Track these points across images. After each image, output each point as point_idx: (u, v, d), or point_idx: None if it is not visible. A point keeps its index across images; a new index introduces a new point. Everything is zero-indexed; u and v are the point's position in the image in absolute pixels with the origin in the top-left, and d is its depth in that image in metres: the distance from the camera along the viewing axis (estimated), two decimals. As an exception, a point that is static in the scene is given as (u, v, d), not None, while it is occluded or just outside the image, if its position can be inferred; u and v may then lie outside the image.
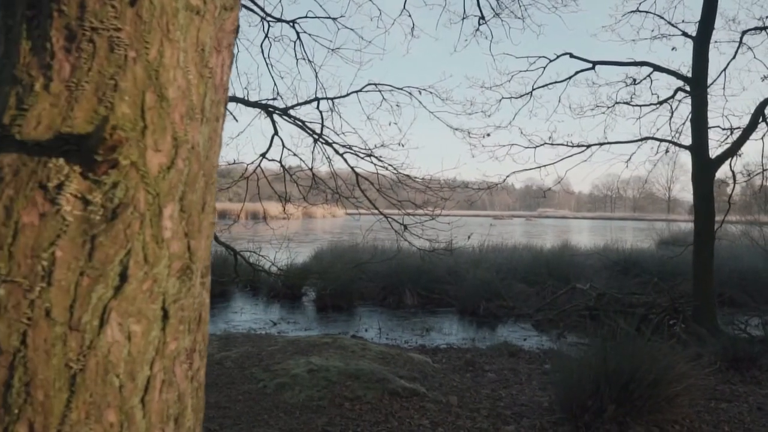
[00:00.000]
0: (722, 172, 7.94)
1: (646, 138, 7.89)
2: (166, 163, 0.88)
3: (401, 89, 6.87)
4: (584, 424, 4.33)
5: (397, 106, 7.19)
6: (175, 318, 0.92)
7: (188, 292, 0.93)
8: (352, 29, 12.83)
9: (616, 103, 8.79)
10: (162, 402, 0.91)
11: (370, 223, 8.08)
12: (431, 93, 6.88)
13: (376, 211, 7.68)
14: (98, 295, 0.83)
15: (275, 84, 10.28)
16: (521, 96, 8.85)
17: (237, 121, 7.56)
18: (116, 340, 0.85)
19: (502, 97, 9.08)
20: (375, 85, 6.89)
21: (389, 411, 4.38)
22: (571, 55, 7.93)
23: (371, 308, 9.84)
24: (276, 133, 7.30)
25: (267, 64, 8.78)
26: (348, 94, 6.86)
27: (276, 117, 7.52)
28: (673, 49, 8.00)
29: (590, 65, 7.97)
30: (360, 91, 6.83)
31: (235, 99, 6.51)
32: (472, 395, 4.98)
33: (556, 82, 8.46)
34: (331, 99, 6.97)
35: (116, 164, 0.82)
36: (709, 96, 7.29)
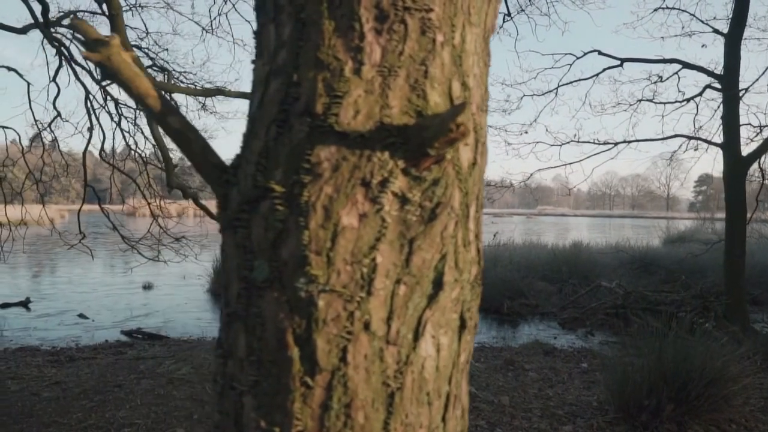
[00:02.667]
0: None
1: (676, 135, 7.85)
2: (472, 159, 0.80)
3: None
4: (641, 424, 4.28)
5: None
6: (469, 327, 0.83)
7: (477, 298, 0.85)
8: None
9: (640, 100, 8.75)
10: (454, 419, 0.83)
11: None
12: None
13: None
14: (414, 305, 0.75)
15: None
16: (544, 93, 8.79)
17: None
18: (429, 354, 0.77)
19: (524, 95, 9.02)
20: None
21: (443, 412, 4.30)
22: (600, 53, 7.87)
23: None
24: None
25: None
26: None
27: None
28: (703, 46, 7.97)
29: (618, 62, 7.91)
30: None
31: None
32: (520, 395, 4.92)
33: (581, 80, 8.41)
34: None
35: (442, 159, 0.74)
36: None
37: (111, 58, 0.78)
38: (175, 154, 6.26)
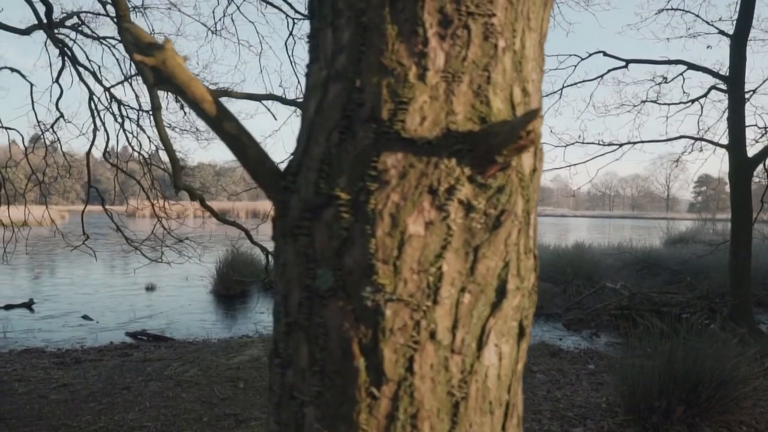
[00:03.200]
0: (724, 171, 7.90)
1: (682, 137, 7.85)
2: (533, 165, 0.79)
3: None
4: (652, 426, 4.27)
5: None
6: (526, 335, 0.82)
7: (533, 306, 0.84)
8: None
9: (645, 101, 8.75)
10: (512, 428, 0.82)
11: None
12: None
13: None
14: (478, 314, 0.74)
15: (299, 81, 10.11)
16: (549, 94, 8.79)
17: (276, 119, 7.41)
18: (492, 363, 0.76)
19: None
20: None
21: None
22: (605, 54, 7.86)
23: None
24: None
25: (291, 62, 8.67)
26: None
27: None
28: (708, 47, 7.97)
29: (623, 63, 7.91)
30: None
31: (273, 97, 6.39)
32: (529, 396, 4.91)
33: (586, 81, 8.40)
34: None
35: (507, 166, 0.73)
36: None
37: (166, 62, 0.77)
38: (180, 155, 6.23)
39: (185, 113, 8.35)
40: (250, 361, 5.39)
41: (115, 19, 8.75)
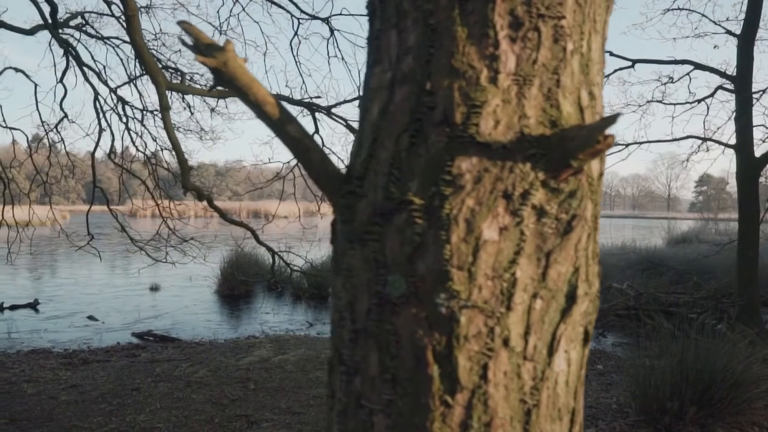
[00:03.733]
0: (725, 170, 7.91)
1: (689, 137, 7.84)
2: (599, 169, 0.78)
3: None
4: (664, 427, 4.26)
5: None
6: (589, 340, 0.81)
7: (596, 311, 0.83)
8: None
9: (650, 101, 8.75)
10: (576, 437, 0.81)
11: None
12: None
13: None
14: (549, 320, 0.73)
15: (303, 82, 10.12)
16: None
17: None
18: (561, 369, 0.75)
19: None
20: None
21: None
22: (611, 53, 7.84)
23: (402, 308, 9.72)
24: (317, 131, 7.17)
25: (296, 62, 8.66)
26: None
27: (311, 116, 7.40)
28: (715, 47, 7.95)
29: (630, 63, 7.90)
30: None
31: (280, 97, 6.37)
32: (539, 398, 4.90)
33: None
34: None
35: (580, 171, 0.72)
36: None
37: (227, 63, 0.76)
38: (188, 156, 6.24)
39: (191, 113, 8.32)
40: (259, 361, 5.38)
41: (120, 19, 8.74)
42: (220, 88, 0.81)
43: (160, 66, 8.22)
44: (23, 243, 8.39)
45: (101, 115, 8.29)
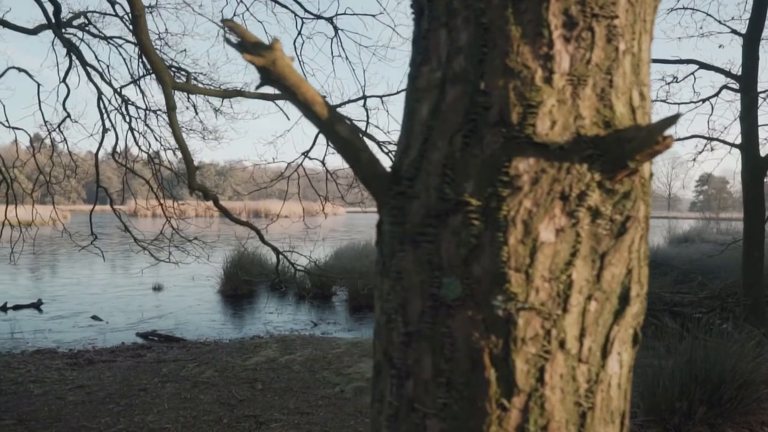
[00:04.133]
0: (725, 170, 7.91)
1: (694, 136, 7.83)
2: (650, 170, 0.77)
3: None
4: (674, 427, 4.26)
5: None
6: (639, 342, 0.81)
7: (644, 312, 0.82)
8: (391, 27, 12.68)
9: (653, 101, 8.73)
10: (626, 441, 0.80)
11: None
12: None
13: (372, 210, 7.56)
14: (603, 322, 0.72)
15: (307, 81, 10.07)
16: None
17: (289, 119, 7.39)
18: (614, 372, 0.74)
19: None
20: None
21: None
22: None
23: (405, 308, 9.72)
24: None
25: (300, 62, 8.65)
26: (399, 92, 6.74)
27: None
28: (720, 46, 7.95)
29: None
30: (411, 88, 6.71)
31: (285, 96, 6.35)
32: (547, 398, 4.90)
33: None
34: (380, 97, 6.86)
35: (635, 172, 0.71)
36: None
37: (276, 62, 0.75)
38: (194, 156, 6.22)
39: (196, 113, 8.32)
40: (266, 362, 5.37)
41: (123, 19, 8.73)
42: (260, 89, 0.80)
43: (170, 66, 8.21)
44: (25, 243, 8.38)
45: (105, 114, 8.28)
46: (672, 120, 0.66)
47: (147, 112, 8.81)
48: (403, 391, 0.74)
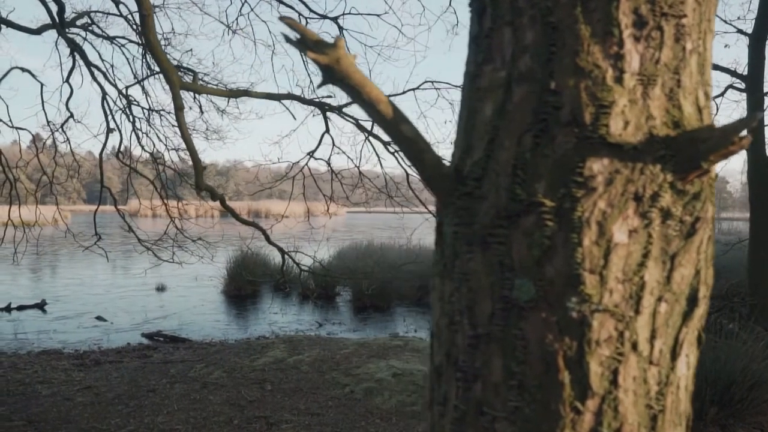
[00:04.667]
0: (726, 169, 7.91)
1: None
2: (715, 170, 0.77)
3: (458, 86, 6.76)
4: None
5: (451, 104, 7.10)
6: (702, 344, 0.80)
7: (707, 313, 0.81)
8: (396, 26, 12.67)
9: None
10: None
11: (382, 221, 7.98)
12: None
13: (376, 210, 7.59)
14: (673, 323, 0.71)
15: (311, 81, 10.07)
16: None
17: (295, 118, 7.37)
18: (683, 374, 0.73)
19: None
20: (432, 82, 6.77)
21: (484, 416, 4.28)
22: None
23: (410, 308, 9.73)
24: (327, 131, 7.15)
25: (303, 62, 8.64)
26: (405, 92, 6.73)
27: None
28: (726, 46, 7.95)
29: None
30: (417, 88, 6.71)
31: (292, 96, 6.35)
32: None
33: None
34: (387, 96, 6.84)
35: (706, 173, 0.71)
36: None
37: (340, 60, 0.74)
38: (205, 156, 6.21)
39: (201, 113, 8.30)
40: (274, 362, 5.36)
41: (127, 19, 8.72)
42: (325, 86, 0.79)
43: (178, 65, 8.18)
44: (29, 243, 8.36)
45: (109, 115, 8.26)
46: (749, 121, 0.65)
47: (151, 112, 8.80)
48: (471, 395, 0.73)
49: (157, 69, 8.80)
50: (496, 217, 0.71)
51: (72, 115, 9.20)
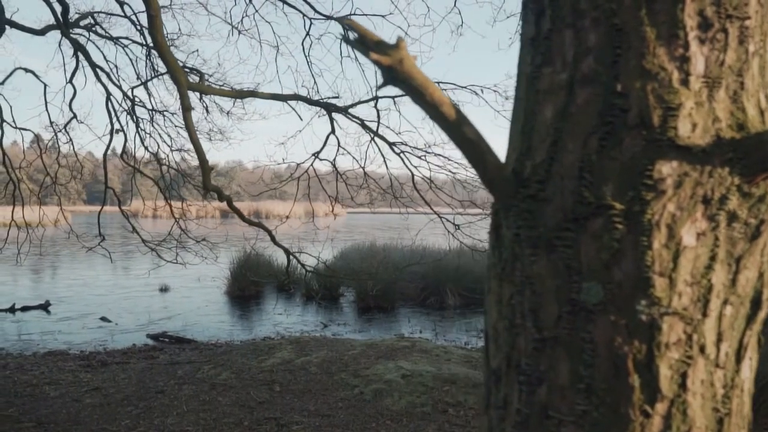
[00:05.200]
0: None
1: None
2: (777, 172, 0.76)
3: (465, 87, 6.76)
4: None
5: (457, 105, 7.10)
6: (761, 346, 0.80)
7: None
8: (400, 27, 12.69)
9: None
10: (750, 446, 0.79)
11: (381, 222, 7.98)
12: (495, 92, 6.77)
13: (377, 211, 7.59)
14: (738, 326, 0.71)
15: (315, 82, 10.08)
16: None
17: (301, 119, 7.37)
18: (747, 377, 0.73)
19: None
20: (437, 83, 6.77)
21: (494, 417, 4.27)
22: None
23: (414, 309, 9.73)
24: (333, 131, 7.14)
25: (308, 62, 8.65)
26: (411, 92, 6.72)
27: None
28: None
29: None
30: (423, 89, 6.71)
31: (298, 97, 6.35)
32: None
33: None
34: (393, 97, 6.85)
35: (772, 175, 0.70)
36: None
37: (403, 62, 0.74)
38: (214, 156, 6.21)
39: (207, 113, 8.30)
40: (282, 363, 5.36)
41: (131, 19, 8.71)
42: (383, 90, 0.79)
43: (184, 65, 8.17)
44: (30, 244, 8.34)
45: (114, 115, 8.26)
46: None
47: (154, 112, 8.79)
48: (535, 398, 0.73)
49: (162, 70, 8.82)
50: (562, 219, 0.71)
51: (75, 116, 9.19)
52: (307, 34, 8.23)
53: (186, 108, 5.31)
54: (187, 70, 7.40)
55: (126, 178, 8.90)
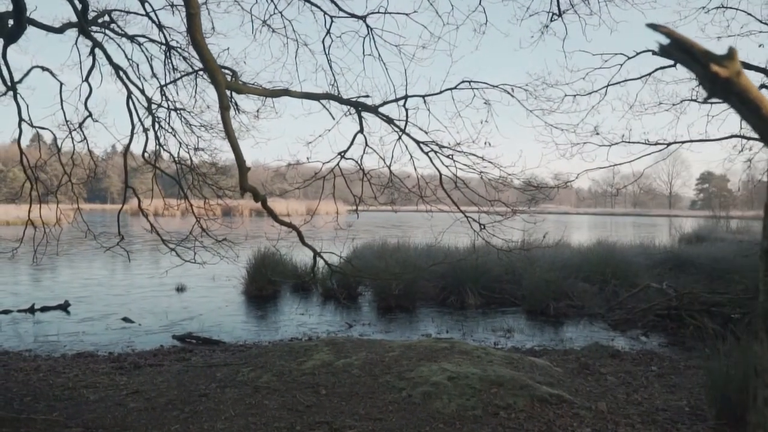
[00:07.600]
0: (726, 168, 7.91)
1: (733, 136, 7.81)
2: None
3: (496, 87, 6.70)
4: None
5: (486, 103, 7.04)
6: None
7: None
8: (424, 26, 12.63)
9: (684, 100, 8.72)
10: None
11: (383, 220, 7.94)
12: (526, 91, 6.72)
13: (377, 209, 7.54)
14: None
15: (335, 81, 9.98)
16: (589, 93, 8.73)
17: (333, 118, 7.28)
18: None
19: (565, 95, 8.94)
20: (469, 82, 6.71)
21: (547, 419, 4.23)
22: (654, 53, 7.80)
23: (435, 309, 9.69)
24: (361, 130, 7.08)
25: (328, 61, 8.58)
26: (442, 92, 6.66)
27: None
28: (760, 45, 7.93)
29: (672, 63, 7.86)
30: (454, 88, 6.65)
31: (330, 96, 6.28)
32: (610, 400, 4.86)
33: (628, 80, 8.35)
34: (423, 96, 6.79)
35: None
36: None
37: (740, 74, 0.69)
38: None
39: (238, 112, 8.24)
40: (323, 366, 5.30)
41: (150, 16, 8.62)
42: (713, 99, 0.74)
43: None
44: (48, 244, 8.24)
45: (134, 114, 8.17)
46: None
47: (177, 111, 8.70)
48: None
49: (181, 68, 8.73)
50: None
51: (90, 115, 9.10)
52: (328, 32, 8.17)
53: (224, 107, 5.24)
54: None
55: (125, 177, 8.76)
